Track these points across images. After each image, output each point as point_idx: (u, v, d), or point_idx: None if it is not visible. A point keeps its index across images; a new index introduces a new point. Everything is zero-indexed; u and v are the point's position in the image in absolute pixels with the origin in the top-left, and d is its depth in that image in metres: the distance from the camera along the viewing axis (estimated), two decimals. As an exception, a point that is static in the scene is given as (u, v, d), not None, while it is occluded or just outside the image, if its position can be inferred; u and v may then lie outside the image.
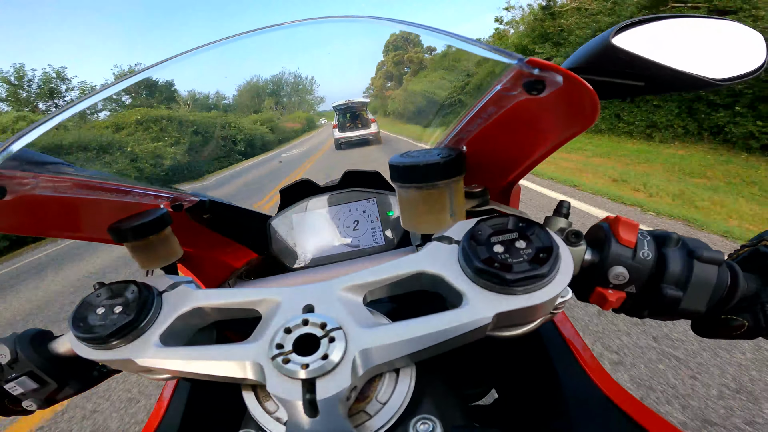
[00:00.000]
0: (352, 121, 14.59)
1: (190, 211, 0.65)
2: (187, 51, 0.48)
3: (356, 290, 0.38)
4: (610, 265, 0.40)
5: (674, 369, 1.78)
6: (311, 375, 0.30)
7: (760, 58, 0.36)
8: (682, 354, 1.86)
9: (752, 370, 1.72)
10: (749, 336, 0.40)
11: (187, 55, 0.49)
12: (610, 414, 0.42)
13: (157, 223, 0.54)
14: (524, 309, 0.32)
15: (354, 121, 14.58)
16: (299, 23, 0.50)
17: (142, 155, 12.78)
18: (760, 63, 0.36)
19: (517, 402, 0.61)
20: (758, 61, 0.36)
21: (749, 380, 1.66)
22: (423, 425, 0.34)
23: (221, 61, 0.53)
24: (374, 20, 0.47)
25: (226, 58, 0.52)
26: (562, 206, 0.47)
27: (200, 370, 0.34)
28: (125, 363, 0.37)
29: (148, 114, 15.91)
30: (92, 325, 0.38)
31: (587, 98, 0.31)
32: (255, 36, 0.50)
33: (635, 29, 0.34)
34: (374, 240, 0.78)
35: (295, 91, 55.43)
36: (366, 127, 14.07)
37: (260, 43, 0.52)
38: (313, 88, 58.27)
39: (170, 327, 0.39)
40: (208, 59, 0.51)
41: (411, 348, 0.32)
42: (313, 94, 58.82)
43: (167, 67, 0.49)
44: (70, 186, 0.46)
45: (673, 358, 1.85)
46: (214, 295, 0.41)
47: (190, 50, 0.48)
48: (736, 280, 0.39)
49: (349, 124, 14.50)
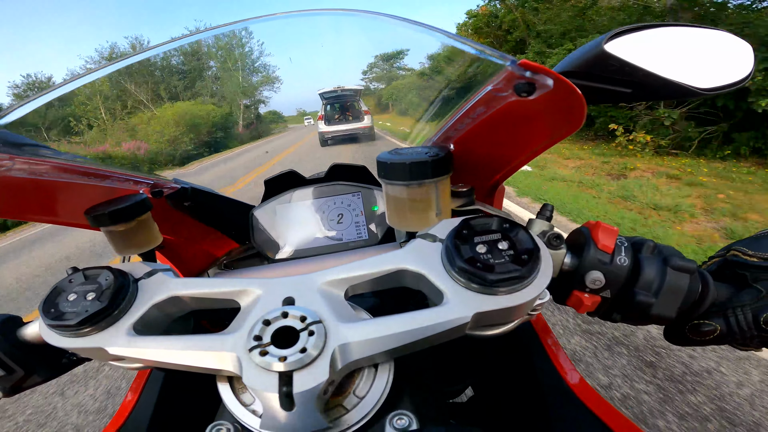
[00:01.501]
0: (342, 113, 12.31)
1: (171, 198, 0.64)
2: (166, 42, 0.47)
3: (338, 284, 0.38)
4: (588, 269, 0.41)
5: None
6: (289, 368, 0.30)
7: (747, 68, 0.37)
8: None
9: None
10: (720, 341, 0.41)
11: (168, 45, 0.47)
12: (580, 412, 0.43)
13: (135, 209, 0.52)
14: (504, 309, 0.32)
15: (344, 113, 12.29)
16: (287, 15, 0.49)
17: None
18: (746, 73, 0.36)
19: (493, 400, 0.62)
20: (745, 71, 0.37)
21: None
22: (400, 421, 0.34)
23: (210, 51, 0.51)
24: (368, 15, 0.46)
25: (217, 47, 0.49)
26: (546, 209, 0.48)
27: (175, 360, 0.34)
28: (96, 351, 0.36)
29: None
30: (63, 312, 0.36)
31: (575, 102, 0.31)
32: (246, 25, 0.49)
33: (628, 36, 0.35)
34: (358, 234, 0.77)
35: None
36: (357, 119, 11.62)
37: (252, 33, 0.49)
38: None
39: (145, 315, 0.38)
40: (191, 50, 0.48)
41: (390, 344, 0.32)
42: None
43: (151, 55, 0.47)
44: (47, 169, 0.45)
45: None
46: (192, 284, 0.40)
47: (167, 42, 0.47)
48: (706, 288, 0.40)
49: (337, 116, 12.23)
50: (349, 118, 12.12)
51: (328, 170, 0.82)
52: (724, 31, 0.38)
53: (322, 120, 11.87)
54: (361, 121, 11.62)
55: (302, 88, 18.40)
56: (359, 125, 11.52)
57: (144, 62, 0.49)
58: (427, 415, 0.37)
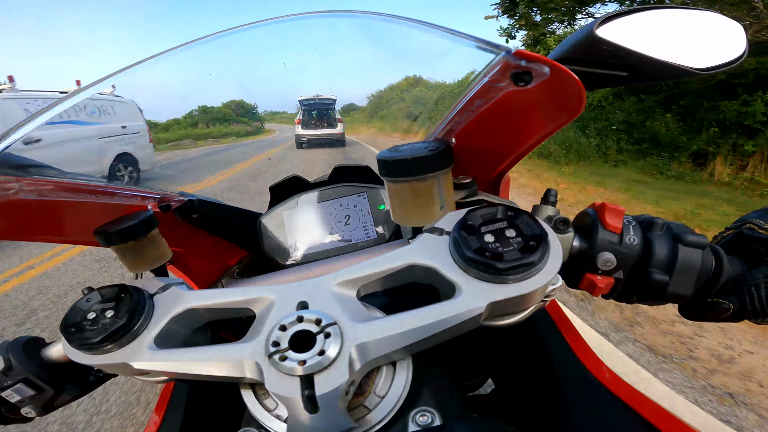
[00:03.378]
0: (318, 119, 13.40)
1: (178, 211, 0.64)
2: (163, 52, 0.47)
3: (349, 285, 0.38)
4: (598, 251, 0.41)
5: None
6: (309, 371, 0.30)
7: (740, 47, 0.37)
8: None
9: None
10: (736, 319, 0.41)
11: (165, 55, 0.48)
12: (604, 399, 0.43)
13: (143, 225, 0.53)
14: (517, 297, 0.33)
15: (320, 119, 13.38)
16: (272, 21, 0.49)
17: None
18: (740, 53, 0.36)
19: (514, 391, 0.62)
20: (738, 50, 0.37)
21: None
22: (422, 417, 0.34)
23: (206, 59, 0.52)
24: (356, 15, 0.46)
25: (212, 54, 0.51)
26: (549, 194, 0.47)
27: (197, 371, 0.34)
28: (121, 367, 0.37)
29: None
30: (84, 331, 0.37)
31: (573, 88, 0.31)
32: (231, 35, 0.49)
33: (619, 20, 0.35)
34: (366, 234, 0.78)
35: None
36: (332, 126, 12.84)
37: (239, 41, 0.51)
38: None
39: (164, 329, 0.38)
40: (188, 58, 0.50)
41: (406, 340, 0.33)
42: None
43: (145, 66, 0.48)
44: (54, 189, 0.45)
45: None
46: (206, 296, 0.40)
47: (168, 50, 0.47)
48: (720, 264, 0.40)
49: (314, 121, 13.29)
50: (324, 125, 13.10)
51: (332, 172, 0.82)
52: (714, 12, 0.38)
53: (300, 124, 12.87)
54: (334, 128, 12.67)
55: (292, 89, 17.64)
56: (333, 131, 12.55)
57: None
58: (449, 409, 0.37)
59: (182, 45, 0.48)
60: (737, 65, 0.37)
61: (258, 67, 18.53)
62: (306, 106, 13.68)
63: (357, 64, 17.37)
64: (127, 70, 0.46)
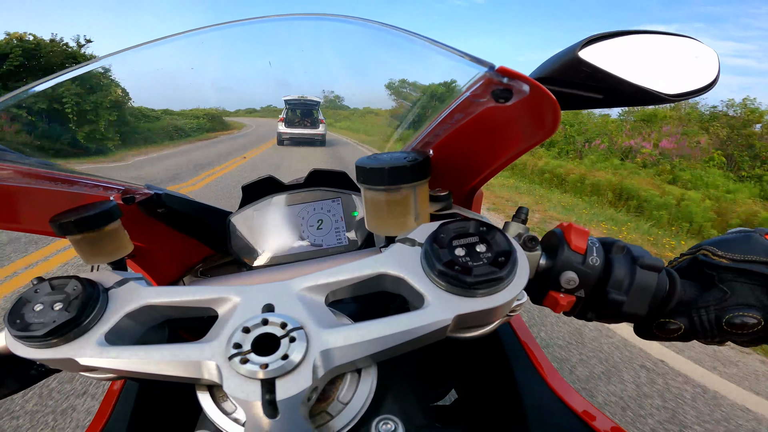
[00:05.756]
0: (302, 118, 13.85)
1: (143, 204, 0.61)
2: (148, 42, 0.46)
3: (318, 290, 0.37)
4: (562, 270, 0.43)
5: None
6: (271, 375, 0.29)
7: (712, 74, 0.38)
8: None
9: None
10: (686, 338, 0.43)
11: (149, 45, 0.46)
12: (562, 413, 0.44)
13: (103, 217, 0.50)
14: (483, 311, 0.33)
15: (303, 119, 13.86)
16: (258, 20, 0.48)
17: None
18: (711, 79, 0.38)
19: (477, 402, 0.62)
20: (710, 77, 0.38)
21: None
22: (385, 425, 0.34)
23: (194, 51, 0.51)
24: (341, 20, 0.46)
25: (201, 47, 0.49)
26: (521, 212, 0.49)
27: (151, 369, 0.33)
28: (66, 362, 0.35)
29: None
30: (29, 323, 0.35)
31: (550, 108, 0.33)
32: (214, 31, 0.48)
33: (601, 43, 0.36)
34: (338, 240, 0.77)
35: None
36: (314, 126, 13.24)
37: (223, 39, 0.50)
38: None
39: (117, 325, 0.36)
40: (173, 49, 0.48)
41: (373, 348, 0.32)
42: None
43: (126, 57, 0.46)
44: (10, 173, 0.43)
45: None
46: (166, 293, 0.39)
47: (152, 41, 0.46)
48: (674, 286, 0.42)
49: (297, 120, 13.74)
50: (306, 124, 13.50)
51: (308, 176, 0.81)
52: (691, 38, 0.39)
53: (283, 122, 13.03)
54: (316, 129, 13.06)
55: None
56: (314, 131, 13.04)
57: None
58: (413, 418, 0.37)
59: (161, 39, 0.47)
60: (707, 92, 0.38)
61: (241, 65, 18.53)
62: (291, 105, 13.81)
63: (342, 69, 17.48)
64: (107, 58, 0.44)
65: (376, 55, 0.50)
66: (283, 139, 13.40)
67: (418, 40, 0.38)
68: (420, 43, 0.38)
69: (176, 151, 4.57)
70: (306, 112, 14.24)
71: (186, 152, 5.15)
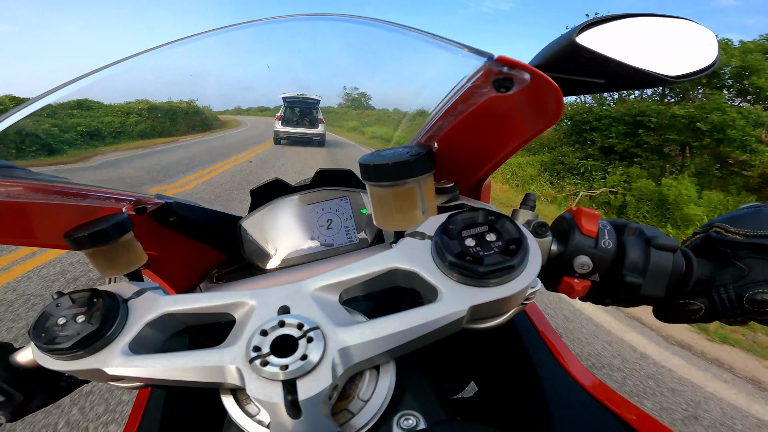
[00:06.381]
0: (300, 117, 12.18)
1: (154, 214, 0.62)
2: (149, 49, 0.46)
3: (331, 289, 0.38)
4: (575, 254, 0.42)
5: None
6: (291, 376, 0.30)
7: (712, 55, 0.38)
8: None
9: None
10: (707, 319, 0.43)
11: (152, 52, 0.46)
12: (584, 401, 0.44)
13: (116, 229, 0.51)
14: (497, 300, 0.33)
15: (302, 117, 12.18)
16: (258, 22, 0.48)
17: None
18: (711, 60, 0.38)
19: (497, 393, 0.62)
20: (710, 58, 0.38)
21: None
22: (406, 421, 0.34)
23: (191, 58, 0.51)
24: (340, 19, 0.46)
25: (196, 54, 0.50)
26: (529, 198, 0.48)
27: (175, 376, 0.33)
28: (93, 373, 0.36)
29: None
30: (54, 336, 0.36)
31: (552, 95, 0.32)
32: (213, 36, 0.49)
33: (598, 28, 0.36)
34: (348, 238, 0.77)
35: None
36: (313, 126, 11.90)
37: (223, 42, 0.51)
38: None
39: (139, 335, 0.37)
40: (177, 55, 0.48)
41: (389, 344, 0.33)
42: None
43: (127, 64, 0.46)
44: (22, 190, 0.44)
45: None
46: (183, 301, 0.39)
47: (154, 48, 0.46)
48: (690, 266, 0.42)
49: (296, 119, 12.09)
50: (305, 123, 12.30)
51: (314, 176, 0.81)
52: (687, 19, 0.39)
53: (280, 120, 12.09)
54: (315, 128, 11.97)
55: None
56: (313, 131, 11.90)
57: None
58: (433, 413, 0.38)
59: (165, 44, 0.47)
60: (709, 72, 0.38)
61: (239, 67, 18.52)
62: (289, 103, 13.35)
63: (340, 67, 17.40)
64: (109, 68, 0.45)
65: (375, 52, 0.50)
66: (280, 138, 13.15)
67: (414, 34, 0.38)
68: (417, 36, 0.38)
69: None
70: (305, 111, 13.94)
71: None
